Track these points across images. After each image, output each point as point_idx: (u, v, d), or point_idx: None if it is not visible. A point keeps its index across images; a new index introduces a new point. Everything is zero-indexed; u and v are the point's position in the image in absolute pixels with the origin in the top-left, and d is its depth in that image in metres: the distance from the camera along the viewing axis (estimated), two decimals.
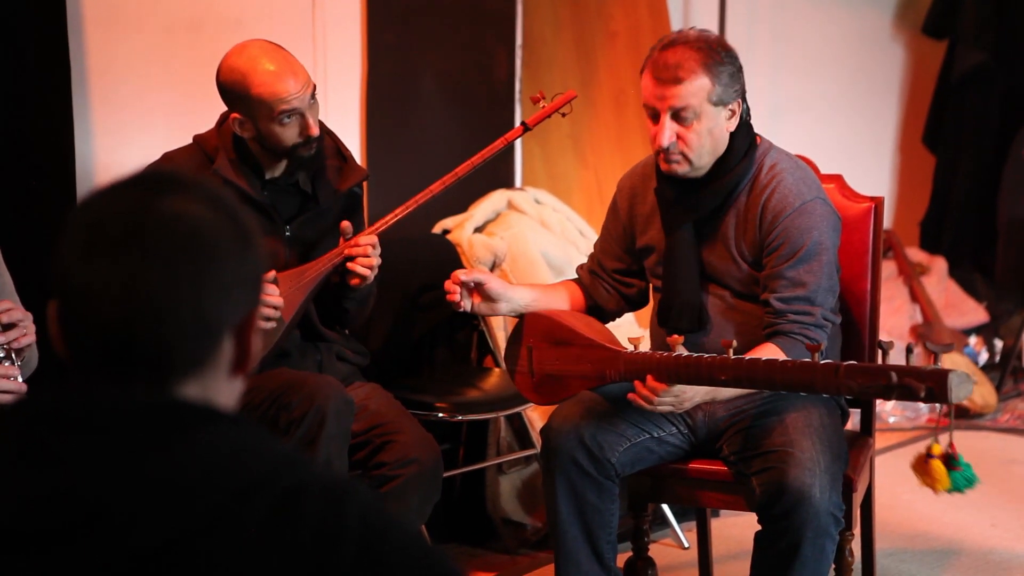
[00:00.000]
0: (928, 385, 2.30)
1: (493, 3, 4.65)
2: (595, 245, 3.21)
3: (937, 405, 5.24)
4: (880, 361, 2.42)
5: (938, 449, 2.58)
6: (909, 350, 2.43)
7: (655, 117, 2.87)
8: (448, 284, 2.97)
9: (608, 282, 3.15)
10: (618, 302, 3.17)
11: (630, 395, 2.75)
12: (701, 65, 2.81)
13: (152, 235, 1.25)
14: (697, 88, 2.81)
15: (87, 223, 1.27)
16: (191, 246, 1.26)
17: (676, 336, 2.70)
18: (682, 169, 2.88)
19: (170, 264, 1.25)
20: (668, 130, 2.84)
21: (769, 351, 2.77)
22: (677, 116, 2.83)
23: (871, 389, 2.38)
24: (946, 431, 2.67)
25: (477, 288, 2.98)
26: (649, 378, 2.70)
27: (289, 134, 3.04)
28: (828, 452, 2.76)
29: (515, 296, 3.02)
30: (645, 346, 2.81)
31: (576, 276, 3.22)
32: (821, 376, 2.45)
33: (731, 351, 2.59)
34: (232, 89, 3.03)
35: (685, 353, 2.66)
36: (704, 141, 2.85)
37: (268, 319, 3.01)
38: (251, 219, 1.33)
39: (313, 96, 3.06)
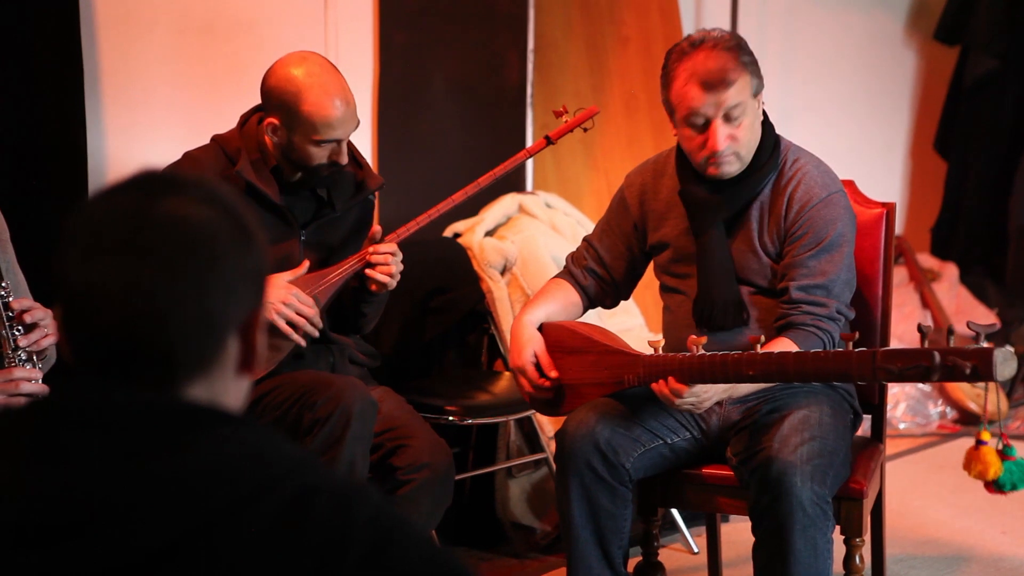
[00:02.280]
0: (973, 363, 2.27)
1: (505, 6, 4.66)
2: (593, 239, 3.17)
3: (948, 410, 5.28)
4: (920, 345, 2.40)
5: (988, 435, 2.56)
6: (950, 332, 2.42)
7: (704, 125, 2.86)
8: (539, 381, 2.97)
9: (608, 281, 3.14)
10: (614, 298, 3.19)
11: (654, 384, 2.75)
12: (739, 63, 2.84)
13: (151, 237, 1.25)
14: (744, 85, 2.84)
15: (86, 227, 1.27)
16: (190, 246, 1.26)
17: (696, 337, 2.70)
18: (733, 168, 2.90)
19: (170, 265, 1.25)
20: (722, 133, 2.85)
21: (783, 346, 2.77)
22: (727, 117, 2.85)
23: (911, 371, 2.35)
24: (995, 424, 2.64)
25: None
26: (671, 380, 2.70)
27: (318, 155, 3.05)
28: (817, 446, 2.75)
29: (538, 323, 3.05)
30: (664, 349, 2.81)
31: (566, 270, 3.19)
32: (857, 363, 2.44)
33: (758, 346, 2.59)
34: (280, 96, 3.02)
35: (707, 352, 2.66)
36: (750, 135, 2.89)
37: (298, 328, 3.01)
38: (252, 217, 1.33)
39: (355, 128, 3.07)
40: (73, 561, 1.17)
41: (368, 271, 3.10)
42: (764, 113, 2.95)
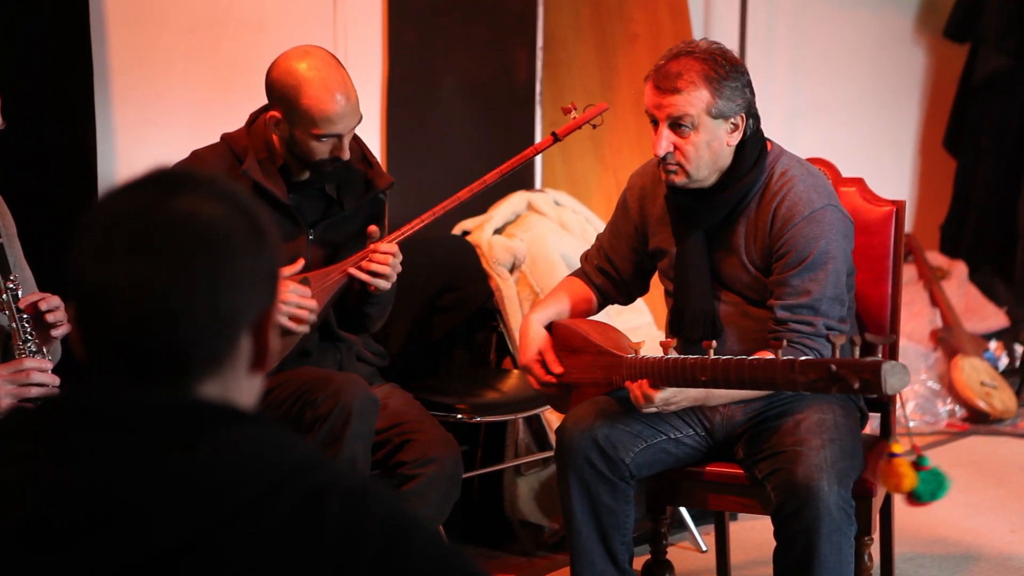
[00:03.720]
0: (863, 376, 2.30)
1: (514, 4, 4.65)
2: (602, 239, 3.19)
3: (956, 409, 5.27)
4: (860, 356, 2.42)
5: (899, 448, 2.56)
6: (852, 343, 2.43)
7: (655, 125, 2.87)
8: (545, 378, 3.01)
9: (618, 280, 3.15)
10: (627, 296, 3.20)
11: (627, 384, 2.78)
12: (702, 77, 2.80)
13: (165, 235, 1.26)
14: (695, 99, 2.80)
15: (101, 225, 1.27)
16: (204, 244, 1.26)
17: (668, 340, 2.72)
18: (679, 180, 2.88)
19: (184, 263, 1.25)
20: (665, 140, 2.84)
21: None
22: (675, 126, 2.83)
23: (818, 383, 2.39)
24: (907, 435, 2.63)
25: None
26: (644, 383, 2.71)
27: (320, 150, 3.04)
28: (838, 449, 2.76)
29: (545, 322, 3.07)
30: (644, 351, 2.82)
31: (580, 269, 3.22)
32: (781, 372, 2.47)
33: (711, 351, 2.59)
34: (281, 90, 3.02)
35: (671, 356, 2.67)
36: (702, 153, 2.85)
37: (302, 321, 3.01)
38: (265, 215, 1.33)
39: (357, 124, 3.07)
40: (87, 560, 1.18)
41: (356, 270, 3.08)
42: (750, 133, 2.89)
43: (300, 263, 3.05)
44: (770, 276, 2.89)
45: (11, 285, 2.66)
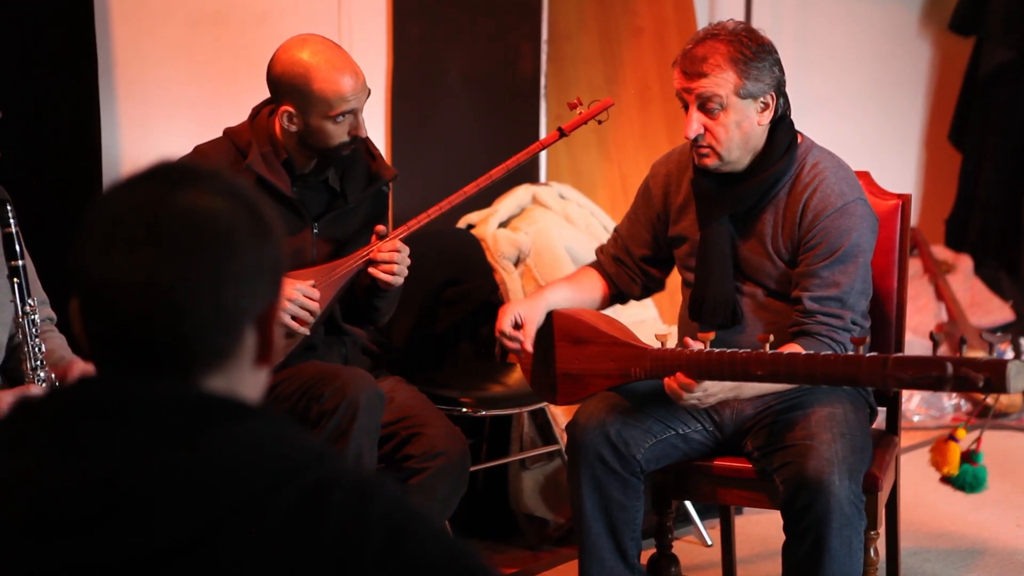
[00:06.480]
0: (986, 375, 2.27)
1: None
2: (620, 228, 3.18)
3: (962, 403, 5.26)
4: (932, 353, 2.39)
5: (963, 434, 2.55)
6: (963, 341, 2.41)
7: (686, 108, 2.87)
8: (509, 343, 2.98)
9: (634, 269, 3.14)
10: (642, 288, 3.18)
11: (666, 379, 2.75)
12: (728, 59, 2.80)
13: (169, 229, 1.26)
14: (722, 81, 2.81)
15: (104, 219, 1.27)
16: (208, 239, 1.26)
17: (705, 333, 2.70)
18: (711, 163, 2.88)
19: (188, 257, 1.25)
20: (695, 122, 2.85)
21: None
22: (704, 108, 2.83)
23: (923, 380, 2.34)
24: (978, 428, 2.64)
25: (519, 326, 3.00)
26: (680, 374, 2.70)
27: (339, 132, 3.04)
28: (848, 443, 2.75)
29: (549, 305, 3.03)
30: (671, 343, 2.80)
31: (596, 260, 3.21)
32: (867, 369, 2.43)
33: (767, 346, 2.58)
34: (290, 82, 3.02)
35: (715, 349, 2.65)
36: (732, 134, 2.84)
37: (304, 322, 3.01)
38: (269, 209, 1.33)
39: (367, 97, 3.07)
40: (91, 552, 1.18)
41: (371, 270, 3.10)
42: (781, 114, 2.89)
43: (308, 280, 3.06)
44: (796, 268, 2.89)
45: (28, 310, 2.67)
